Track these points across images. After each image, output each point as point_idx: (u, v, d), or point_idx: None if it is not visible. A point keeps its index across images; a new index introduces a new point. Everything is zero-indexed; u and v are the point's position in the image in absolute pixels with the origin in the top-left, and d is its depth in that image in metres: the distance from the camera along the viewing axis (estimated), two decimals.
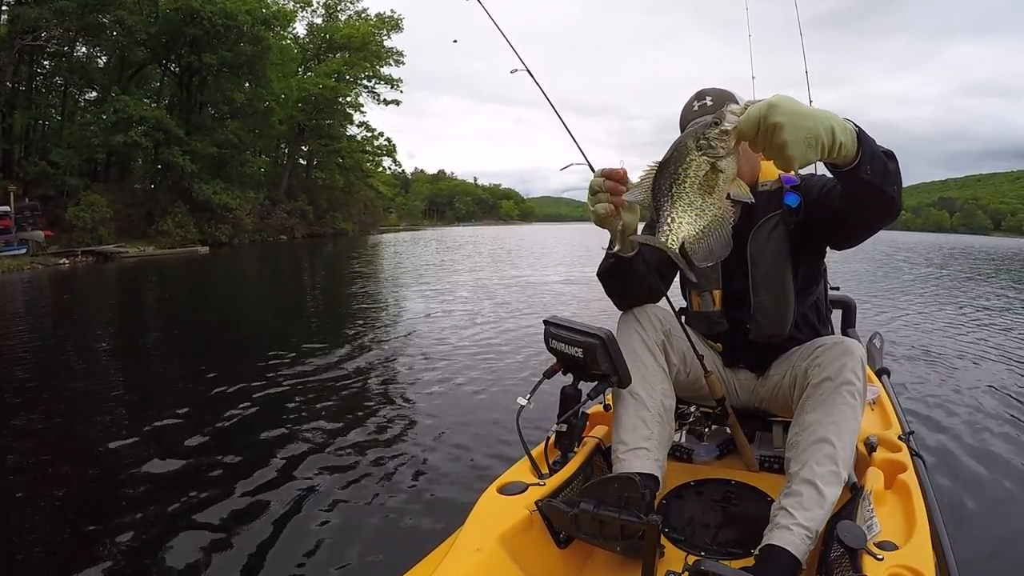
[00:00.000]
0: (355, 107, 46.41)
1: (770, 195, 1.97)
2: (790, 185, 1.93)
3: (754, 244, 1.96)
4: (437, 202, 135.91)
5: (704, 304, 2.08)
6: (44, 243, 21.05)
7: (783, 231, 1.93)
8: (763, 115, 1.19)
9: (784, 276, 1.95)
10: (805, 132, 1.21)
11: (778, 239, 1.94)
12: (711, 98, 1.86)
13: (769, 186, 1.97)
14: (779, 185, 1.96)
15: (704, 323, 2.11)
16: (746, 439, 2.10)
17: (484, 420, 4.08)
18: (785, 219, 1.93)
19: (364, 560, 2.44)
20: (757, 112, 1.20)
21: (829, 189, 1.78)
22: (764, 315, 1.96)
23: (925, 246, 41.52)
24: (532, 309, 9.23)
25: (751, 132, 1.22)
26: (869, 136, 1.36)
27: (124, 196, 28.92)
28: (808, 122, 1.22)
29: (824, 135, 1.25)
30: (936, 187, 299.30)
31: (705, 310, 2.08)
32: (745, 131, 1.22)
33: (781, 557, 1.46)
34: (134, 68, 31.94)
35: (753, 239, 1.96)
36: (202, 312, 10.35)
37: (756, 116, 1.20)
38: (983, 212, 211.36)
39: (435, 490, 3.04)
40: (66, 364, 6.05)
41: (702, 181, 1.24)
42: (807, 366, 1.75)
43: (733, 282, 2.02)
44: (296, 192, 41.64)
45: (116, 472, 3.30)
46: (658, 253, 2.03)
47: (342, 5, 45.55)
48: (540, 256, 23.00)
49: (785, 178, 1.95)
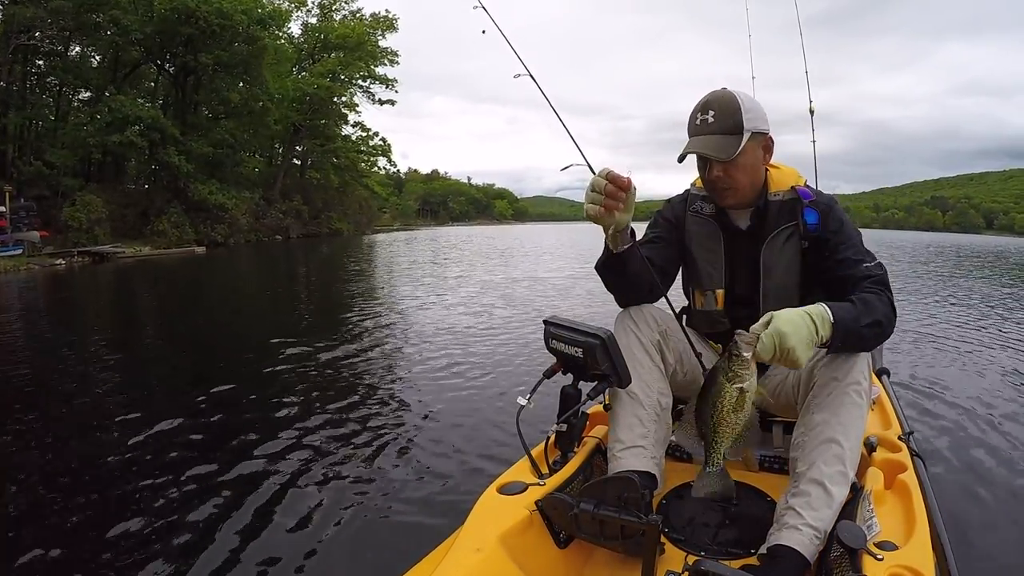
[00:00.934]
0: (350, 107, 46.41)
1: (783, 205, 1.96)
2: (808, 200, 1.93)
3: (768, 254, 1.96)
4: (431, 202, 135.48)
5: (707, 303, 2.08)
6: (39, 243, 20.95)
7: (797, 245, 1.93)
8: (778, 344, 1.48)
9: (794, 287, 1.96)
10: (807, 341, 1.51)
11: (791, 251, 1.94)
12: (713, 113, 1.83)
13: (781, 196, 1.97)
14: (793, 196, 1.95)
15: (706, 321, 2.12)
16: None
17: (484, 420, 4.07)
18: (801, 235, 1.93)
19: (364, 560, 2.44)
20: (771, 342, 1.49)
21: (836, 261, 1.86)
22: None
23: (916, 244, 41.55)
24: (531, 309, 9.24)
25: (770, 357, 1.50)
26: (846, 319, 1.60)
27: (118, 196, 28.79)
28: (805, 332, 1.51)
29: (815, 335, 1.54)
30: (929, 186, 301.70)
31: (708, 308, 2.08)
32: (765, 357, 1.50)
33: (790, 557, 1.46)
34: (128, 68, 31.81)
35: (767, 248, 1.96)
36: (204, 312, 10.29)
37: (771, 345, 1.49)
38: (976, 211, 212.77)
39: (435, 490, 3.04)
40: (66, 365, 6.00)
41: (735, 404, 1.51)
42: (812, 366, 1.75)
43: (739, 284, 2.03)
44: (291, 192, 41.51)
45: (115, 474, 3.28)
46: (666, 253, 2.04)
47: (337, 5, 45.38)
48: (537, 257, 23.00)
49: (801, 191, 1.95)
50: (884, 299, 1.70)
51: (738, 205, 1.98)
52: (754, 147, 1.87)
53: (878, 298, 1.70)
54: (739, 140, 1.81)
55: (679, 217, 2.13)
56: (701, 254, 2.07)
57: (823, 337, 1.55)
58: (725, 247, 2.03)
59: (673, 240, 2.11)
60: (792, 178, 1.99)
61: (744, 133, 1.81)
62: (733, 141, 1.81)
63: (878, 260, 1.82)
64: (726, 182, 1.88)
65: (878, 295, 1.71)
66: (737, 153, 1.81)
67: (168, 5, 28.43)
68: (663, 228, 2.13)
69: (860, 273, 1.78)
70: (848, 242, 1.86)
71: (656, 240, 2.10)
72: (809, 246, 1.92)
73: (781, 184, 1.98)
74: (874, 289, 1.73)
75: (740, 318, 2.00)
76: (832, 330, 1.56)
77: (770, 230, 1.96)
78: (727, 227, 2.03)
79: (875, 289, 1.73)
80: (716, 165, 1.86)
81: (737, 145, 1.81)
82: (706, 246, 2.07)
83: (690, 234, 2.10)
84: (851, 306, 1.64)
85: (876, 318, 1.64)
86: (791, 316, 1.52)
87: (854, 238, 1.87)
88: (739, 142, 1.81)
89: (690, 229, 2.10)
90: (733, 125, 1.81)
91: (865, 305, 1.65)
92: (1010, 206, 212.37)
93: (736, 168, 1.85)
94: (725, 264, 2.04)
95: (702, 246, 2.07)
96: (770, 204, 1.96)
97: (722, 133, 1.82)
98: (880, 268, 1.79)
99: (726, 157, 1.81)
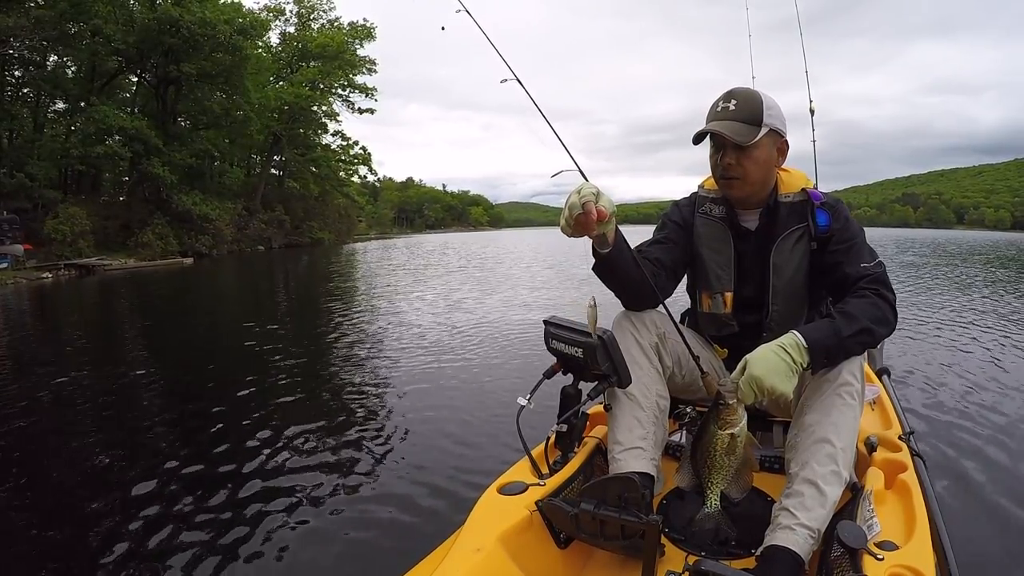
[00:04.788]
0: (331, 116, 46.26)
1: (793, 207, 1.98)
2: (818, 202, 1.95)
3: (778, 254, 1.97)
4: (406, 210, 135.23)
5: (715, 305, 2.08)
6: (23, 257, 20.56)
7: (806, 246, 1.95)
8: (756, 387, 1.54)
9: (802, 288, 1.97)
10: (784, 375, 1.55)
11: (801, 252, 1.95)
12: (736, 102, 1.88)
13: (792, 198, 1.98)
14: (804, 198, 1.97)
15: (713, 324, 2.12)
16: None
17: (484, 420, 4.10)
18: (812, 236, 1.94)
19: (365, 560, 2.45)
20: (749, 388, 1.54)
21: (835, 262, 1.88)
22: (779, 323, 1.97)
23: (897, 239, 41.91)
24: (531, 309, 9.28)
25: (753, 400, 1.56)
26: (821, 339, 1.62)
27: (98, 208, 28.41)
28: (782, 367, 1.55)
29: (792, 364, 1.57)
30: (900, 183, 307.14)
31: (716, 311, 2.08)
32: (748, 402, 1.56)
33: (785, 557, 1.46)
34: (105, 78, 31.40)
35: (777, 249, 1.97)
36: (201, 324, 10.18)
37: (750, 391, 1.54)
38: (946, 207, 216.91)
39: (435, 490, 3.05)
40: (65, 377, 5.86)
41: (727, 448, 1.56)
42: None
43: (747, 287, 2.03)
44: (272, 202, 41.30)
45: (107, 487, 3.26)
46: (674, 255, 2.06)
47: (315, 14, 45.42)
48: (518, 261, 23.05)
49: (812, 193, 1.97)
50: (876, 300, 1.71)
51: (746, 201, 2.00)
52: (769, 144, 1.89)
53: (867, 301, 1.70)
54: (757, 131, 1.84)
55: (687, 219, 2.14)
56: (710, 256, 2.08)
57: (802, 364, 1.59)
58: (734, 249, 2.04)
59: (681, 242, 2.11)
60: (802, 180, 2.01)
61: (763, 127, 1.85)
62: (752, 130, 1.84)
63: (878, 259, 1.83)
64: (737, 171, 1.89)
65: (868, 297, 1.71)
66: (753, 142, 1.84)
67: (150, 15, 28.30)
68: (671, 230, 2.13)
69: (857, 273, 1.79)
70: (849, 242, 1.87)
71: (664, 241, 2.10)
72: (817, 247, 1.93)
73: (791, 186, 2.00)
74: (868, 290, 1.74)
75: (748, 323, 2.02)
76: (809, 355, 1.60)
77: (780, 231, 1.97)
78: (736, 228, 2.04)
79: (869, 289, 1.74)
80: (730, 152, 1.88)
81: (755, 135, 1.84)
82: (715, 248, 2.07)
83: (699, 236, 2.10)
84: (827, 323, 1.65)
85: (862, 325, 1.65)
86: (764, 356, 1.56)
87: (856, 238, 1.88)
88: (757, 132, 1.84)
89: (699, 231, 2.10)
90: (753, 116, 1.85)
91: (845, 316, 1.65)
92: (980, 201, 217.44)
93: (749, 159, 1.87)
94: (734, 266, 2.05)
95: (711, 248, 2.08)
96: (780, 205, 1.98)
97: (742, 121, 1.85)
98: (879, 267, 1.80)
99: (742, 141, 1.83)
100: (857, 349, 1.68)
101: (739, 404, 1.55)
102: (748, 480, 1.63)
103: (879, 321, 1.69)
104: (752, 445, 1.63)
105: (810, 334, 1.61)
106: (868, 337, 1.67)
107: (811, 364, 1.61)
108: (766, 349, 1.58)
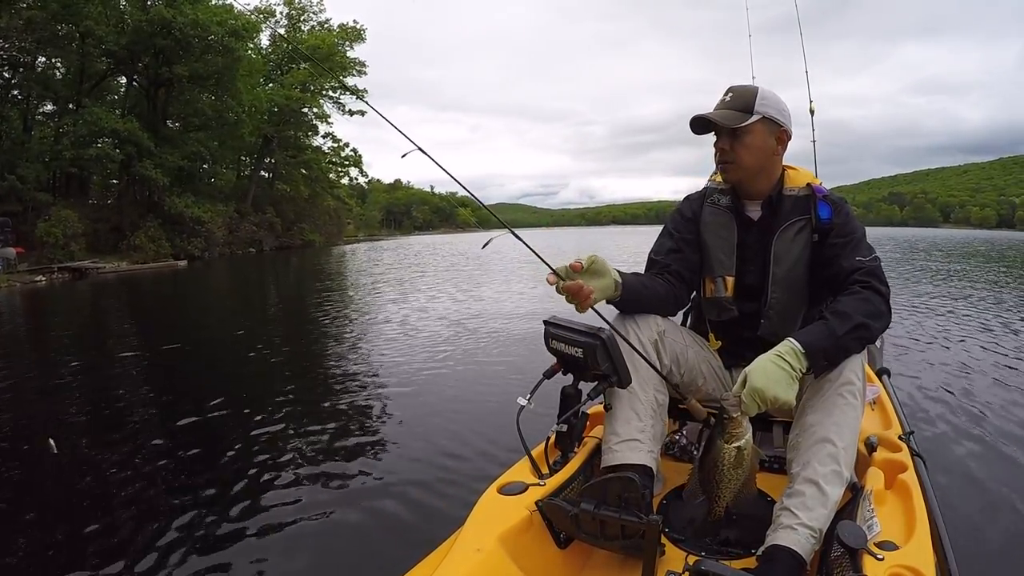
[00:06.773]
0: (322, 118, 46.19)
1: (797, 200, 2.02)
2: (821, 195, 2.00)
3: (779, 243, 2.00)
4: (394, 211, 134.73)
5: (717, 289, 2.10)
6: (15, 260, 20.43)
7: (808, 237, 1.99)
8: (759, 399, 1.54)
9: (802, 279, 2.00)
10: (785, 384, 1.55)
11: (802, 243, 1.99)
12: (732, 95, 1.96)
13: (796, 192, 2.03)
14: (808, 192, 2.02)
15: (715, 308, 2.13)
16: None
17: (484, 420, 4.11)
18: (813, 228, 1.98)
19: (364, 560, 2.46)
20: (751, 400, 1.54)
21: (832, 256, 1.91)
22: (777, 312, 2.00)
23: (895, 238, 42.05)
24: (530, 309, 9.28)
25: (756, 411, 1.56)
26: (817, 342, 1.63)
27: (88, 211, 28.24)
28: (781, 375, 1.56)
29: (792, 371, 1.57)
30: (886, 183, 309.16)
31: (718, 295, 2.10)
32: (752, 413, 1.56)
33: (786, 557, 1.46)
34: (94, 80, 31.19)
35: (779, 238, 2.00)
36: (196, 326, 10.11)
37: (752, 402, 1.54)
38: (932, 205, 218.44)
39: (435, 490, 3.06)
40: (65, 379, 5.91)
41: (734, 461, 1.56)
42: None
43: (748, 274, 2.06)
44: (263, 204, 41.16)
45: (101, 489, 3.25)
46: (689, 262, 2.12)
47: (305, 16, 45.44)
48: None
49: (816, 188, 2.02)
50: (868, 295, 1.73)
51: (749, 190, 2.06)
52: (764, 132, 1.94)
53: (859, 297, 1.72)
54: (747, 117, 1.91)
55: (696, 212, 2.18)
56: (714, 242, 2.11)
57: (801, 369, 1.60)
58: (738, 235, 2.08)
59: (693, 241, 2.15)
60: (808, 178, 2.06)
61: (754, 114, 1.91)
62: (741, 116, 1.91)
63: (875, 254, 1.86)
64: (729, 155, 1.96)
65: (860, 293, 1.73)
66: (742, 126, 1.90)
67: (142, 17, 28.18)
68: (682, 227, 2.17)
69: (851, 266, 1.82)
70: (848, 236, 1.90)
71: (677, 250, 2.13)
72: (819, 239, 1.97)
73: (797, 182, 2.05)
74: (860, 284, 1.76)
75: (747, 312, 2.04)
76: (807, 359, 1.60)
77: (783, 221, 2.01)
78: (741, 217, 2.09)
79: (861, 283, 1.76)
80: (723, 137, 1.96)
81: (743, 120, 1.90)
82: (719, 234, 2.11)
83: (705, 224, 2.14)
84: (821, 325, 1.66)
85: (856, 322, 1.66)
86: (763, 367, 1.57)
87: (856, 233, 1.91)
88: (746, 118, 1.91)
89: (706, 220, 2.15)
90: (745, 105, 1.92)
91: (838, 315, 1.67)
92: (966, 199, 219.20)
93: (740, 144, 1.94)
94: (737, 251, 2.08)
95: (715, 233, 2.12)
96: (785, 198, 2.03)
97: (733, 109, 1.93)
98: (874, 261, 1.83)
99: (729, 124, 1.90)
100: (855, 346, 1.68)
101: (743, 416, 1.56)
102: (753, 490, 1.63)
103: (872, 315, 1.70)
104: (757, 457, 1.63)
105: (805, 339, 1.62)
106: (864, 332, 1.68)
107: (811, 368, 1.62)
108: (764, 360, 1.59)
